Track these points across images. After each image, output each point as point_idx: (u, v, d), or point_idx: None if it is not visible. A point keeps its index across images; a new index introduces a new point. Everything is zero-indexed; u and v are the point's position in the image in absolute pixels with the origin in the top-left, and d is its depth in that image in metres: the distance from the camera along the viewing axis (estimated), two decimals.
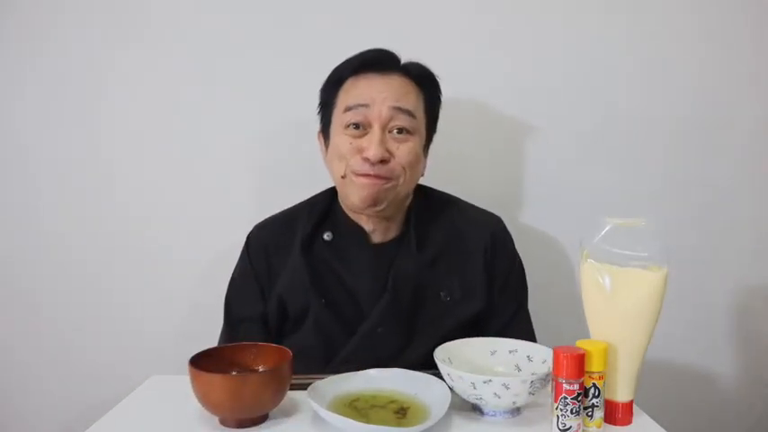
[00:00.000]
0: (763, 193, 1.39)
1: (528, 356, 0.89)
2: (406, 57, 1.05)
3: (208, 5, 1.33)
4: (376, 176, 0.98)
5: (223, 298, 1.12)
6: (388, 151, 0.99)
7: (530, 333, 1.09)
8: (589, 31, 1.34)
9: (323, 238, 1.07)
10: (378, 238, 1.07)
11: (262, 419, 0.81)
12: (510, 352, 0.91)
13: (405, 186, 1.02)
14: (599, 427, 0.77)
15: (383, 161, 0.98)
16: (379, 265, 1.04)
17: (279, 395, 0.81)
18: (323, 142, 1.09)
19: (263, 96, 1.34)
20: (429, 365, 0.87)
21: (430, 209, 1.10)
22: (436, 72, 1.06)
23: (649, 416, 0.84)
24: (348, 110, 1.00)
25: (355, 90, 1.02)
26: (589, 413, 0.76)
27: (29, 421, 1.42)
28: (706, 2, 1.34)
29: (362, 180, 0.99)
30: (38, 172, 1.37)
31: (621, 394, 0.80)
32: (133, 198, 1.37)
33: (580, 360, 0.73)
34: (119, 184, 1.37)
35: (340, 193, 1.07)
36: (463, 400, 0.83)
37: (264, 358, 0.87)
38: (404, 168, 1.00)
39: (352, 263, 1.06)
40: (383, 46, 1.04)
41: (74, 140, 1.36)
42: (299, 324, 1.05)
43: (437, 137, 1.11)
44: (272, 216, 1.15)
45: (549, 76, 1.35)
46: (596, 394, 0.76)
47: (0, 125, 1.36)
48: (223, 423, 0.80)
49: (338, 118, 1.03)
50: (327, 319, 1.02)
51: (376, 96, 0.99)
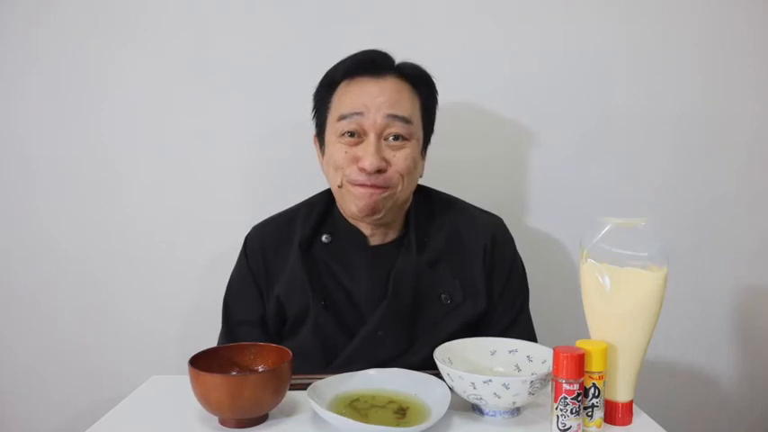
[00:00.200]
0: (763, 193, 1.39)
1: (528, 356, 0.89)
2: (405, 58, 1.03)
3: (209, 6, 1.33)
4: (373, 186, 0.97)
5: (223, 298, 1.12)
6: (384, 160, 0.97)
7: (530, 335, 1.08)
8: (589, 32, 1.34)
9: (321, 239, 1.06)
10: (377, 240, 1.06)
11: (262, 419, 0.81)
12: (510, 352, 0.91)
13: (403, 193, 1.01)
14: (599, 427, 0.77)
15: (380, 171, 0.96)
16: (379, 268, 1.03)
17: (279, 395, 0.81)
18: (318, 147, 1.07)
19: (262, 97, 1.34)
20: (429, 368, 0.87)
21: (430, 210, 1.09)
22: (436, 72, 1.05)
23: (649, 416, 0.84)
24: (342, 118, 0.98)
25: (348, 97, 0.99)
26: (589, 413, 0.76)
27: (29, 421, 1.42)
28: (706, 2, 1.34)
29: (360, 190, 0.97)
30: (38, 172, 1.37)
31: (621, 394, 0.80)
32: (133, 198, 1.37)
33: (580, 360, 0.73)
34: (119, 184, 1.37)
35: (338, 202, 1.05)
36: (463, 400, 0.83)
37: (264, 358, 0.87)
38: (401, 176, 0.99)
39: (350, 265, 1.05)
40: (383, 46, 1.02)
41: (73, 140, 1.36)
42: (297, 326, 1.05)
43: (437, 138, 1.10)
44: (270, 217, 1.13)
45: (549, 76, 1.35)
46: (596, 394, 0.75)
47: (0, 125, 1.36)
48: (223, 423, 0.80)
49: (332, 126, 1.00)
50: (327, 321, 1.01)
51: (370, 103, 0.97)
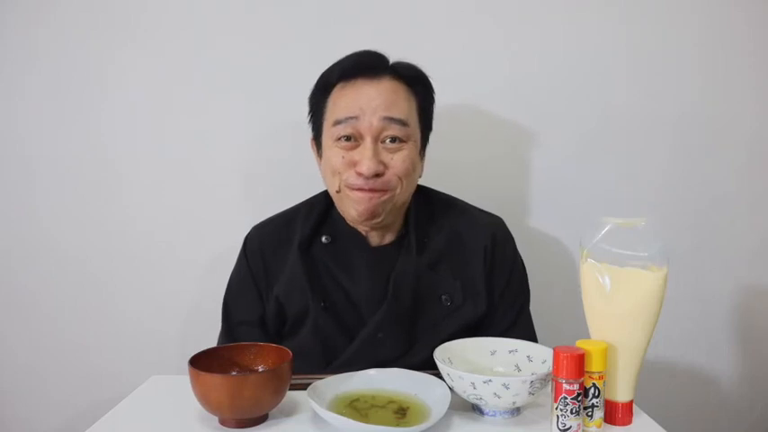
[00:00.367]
0: (763, 193, 1.39)
1: (528, 356, 0.89)
2: (405, 58, 1.02)
3: (209, 6, 1.33)
4: (371, 190, 0.96)
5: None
6: (381, 163, 0.96)
7: (531, 336, 1.08)
8: (589, 32, 1.34)
9: (321, 240, 1.06)
10: (376, 241, 1.06)
11: (262, 419, 0.81)
12: (510, 352, 0.91)
13: (402, 196, 1.00)
14: (599, 427, 0.77)
15: (378, 174, 0.95)
16: (378, 269, 1.03)
17: (279, 395, 0.81)
18: (316, 151, 1.07)
19: (262, 97, 1.34)
20: (429, 369, 0.87)
21: (430, 210, 1.08)
22: (436, 72, 1.04)
23: (649, 416, 0.84)
24: (338, 123, 0.97)
25: (343, 100, 0.98)
26: (589, 413, 0.76)
27: (29, 421, 1.42)
28: (706, 2, 1.34)
29: (358, 194, 0.97)
30: (38, 172, 1.37)
31: (621, 394, 0.80)
32: (133, 198, 1.37)
33: (580, 360, 0.73)
34: (119, 184, 1.37)
35: (337, 206, 1.05)
36: (463, 400, 0.83)
37: (264, 358, 0.87)
38: (399, 179, 0.98)
39: (350, 266, 1.04)
40: (382, 46, 1.01)
41: (73, 140, 1.36)
42: (297, 327, 1.04)
43: (437, 139, 1.09)
44: (270, 217, 1.13)
45: (549, 76, 1.34)
46: (596, 394, 0.75)
47: (0, 125, 1.36)
48: (223, 423, 0.80)
49: (328, 130, 1.00)
50: (326, 322, 1.01)
51: (365, 106, 0.96)
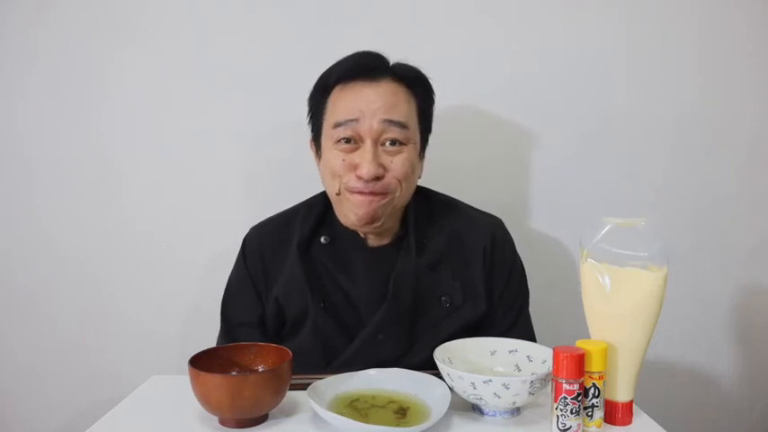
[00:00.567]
0: (763, 193, 1.39)
1: (528, 356, 0.89)
2: (405, 58, 1.02)
3: (209, 6, 1.32)
4: (371, 194, 0.96)
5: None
6: (381, 166, 0.96)
7: (530, 337, 1.07)
8: (589, 32, 1.34)
9: (320, 241, 1.05)
10: (375, 241, 1.06)
11: (262, 419, 0.81)
12: (510, 352, 0.91)
13: (401, 198, 1.00)
14: (599, 427, 0.77)
15: (377, 178, 0.95)
16: (377, 269, 1.03)
17: (279, 395, 0.81)
18: (315, 152, 1.06)
19: (262, 97, 1.34)
20: (429, 369, 0.87)
21: (429, 211, 1.08)
22: (436, 73, 1.04)
23: (649, 416, 0.84)
24: (338, 125, 0.97)
25: (343, 102, 0.98)
26: (589, 413, 0.76)
27: (29, 421, 1.42)
28: (706, 2, 1.34)
29: (358, 198, 0.97)
30: (38, 172, 1.37)
31: (621, 394, 0.80)
32: (133, 198, 1.37)
33: (580, 360, 0.73)
34: (119, 184, 1.37)
35: (336, 210, 1.05)
36: (463, 400, 0.83)
37: (264, 358, 0.87)
38: (399, 181, 0.98)
39: (349, 266, 1.04)
40: (382, 46, 1.01)
41: (73, 140, 1.36)
42: (297, 327, 1.04)
43: (437, 139, 1.09)
44: (268, 218, 1.13)
45: (549, 76, 1.34)
46: (596, 394, 0.75)
47: (0, 125, 1.36)
48: (223, 423, 0.80)
49: (328, 132, 0.99)
50: (326, 323, 1.01)
51: (365, 109, 0.95)
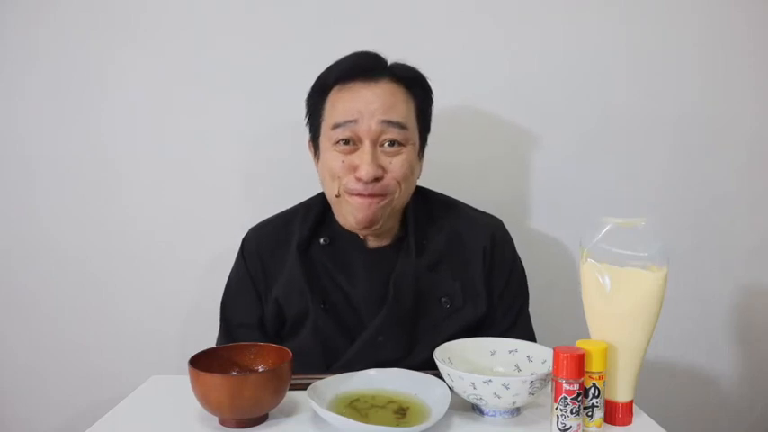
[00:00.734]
0: (763, 193, 1.39)
1: (528, 356, 0.89)
2: (405, 58, 1.01)
3: (209, 6, 1.32)
4: (371, 195, 0.96)
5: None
6: (380, 167, 0.96)
7: (530, 338, 1.07)
8: (589, 32, 1.34)
9: (319, 241, 1.05)
10: (374, 242, 1.06)
11: (262, 419, 0.81)
12: (510, 352, 0.91)
13: (400, 200, 1.00)
14: (599, 427, 0.77)
15: (377, 179, 0.95)
16: (377, 270, 1.03)
17: (279, 395, 0.81)
18: (313, 153, 1.06)
19: (262, 97, 1.34)
20: (430, 370, 0.87)
21: (428, 212, 1.08)
22: (435, 73, 1.04)
23: (649, 416, 0.84)
24: (336, 127, 0.97)
25: (342, 104, 0.97)
26: (589, 413, 0.76)
27: (29, 421, 1.42)
28: (706, 2, 1.34)
29: (357, 200, 0.96)
30: (38, 172, 1.37)
31: (621, 394, 0.80)
32: (133, 198, 1.37)
33: (580, 360, 0.73)
34: (119, 184, 1.37)
35: (335, 212, 1.04)
36: (463, 400, 0.83)
37: (264, 358, 0.87)
38: (398, 183, 0.98)
39: (349, 267, 1.04)
40: (382, 46, 1.01)
41: (73, 140, 1.36)
42: (297, 328, 1.04)
43: (436, 140, 1.09)
44: (268, 219, 1.13)
45: (549, 76, 1.34)
46: (596, 394, 0.75)
47: (0, 125, 1.36)
48: (223, 423, 0.80)
49: (326, 133, 0.99)
50: (326, 323, 1.01)
51: (364, 110, 0.95)
